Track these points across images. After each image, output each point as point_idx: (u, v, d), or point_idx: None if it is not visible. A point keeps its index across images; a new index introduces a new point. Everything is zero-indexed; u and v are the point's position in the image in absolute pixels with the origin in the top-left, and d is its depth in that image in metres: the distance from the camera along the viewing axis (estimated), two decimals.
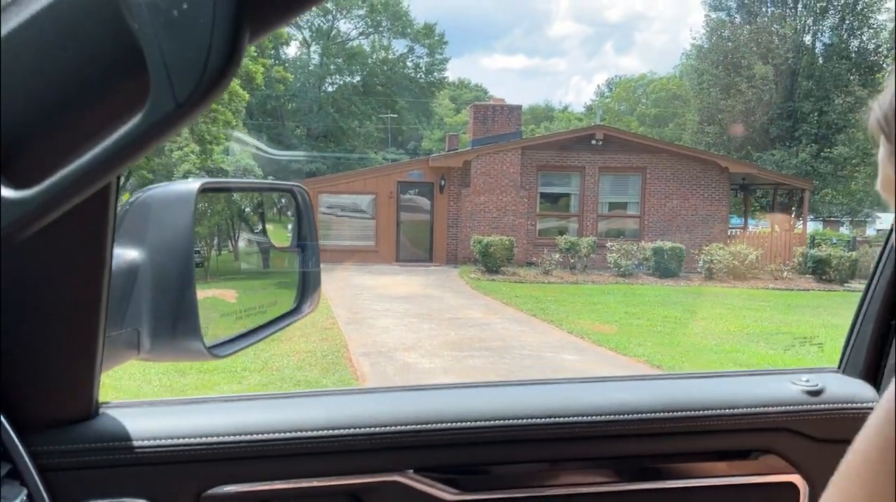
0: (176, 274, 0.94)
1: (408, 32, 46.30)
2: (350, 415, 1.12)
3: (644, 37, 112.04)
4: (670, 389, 1.26)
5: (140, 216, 0.95)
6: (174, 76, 0.49)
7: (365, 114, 44.23)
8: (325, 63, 44.85)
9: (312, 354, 8.82)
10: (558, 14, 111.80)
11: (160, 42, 0.49)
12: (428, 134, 50.96)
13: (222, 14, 0.48)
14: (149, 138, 0.51)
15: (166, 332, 0.94)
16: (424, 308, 12.68)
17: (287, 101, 42.84)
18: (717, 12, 33.11)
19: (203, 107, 0.51)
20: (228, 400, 1.18)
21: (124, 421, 1.05)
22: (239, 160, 24.75)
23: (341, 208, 21.29)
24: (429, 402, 1.17)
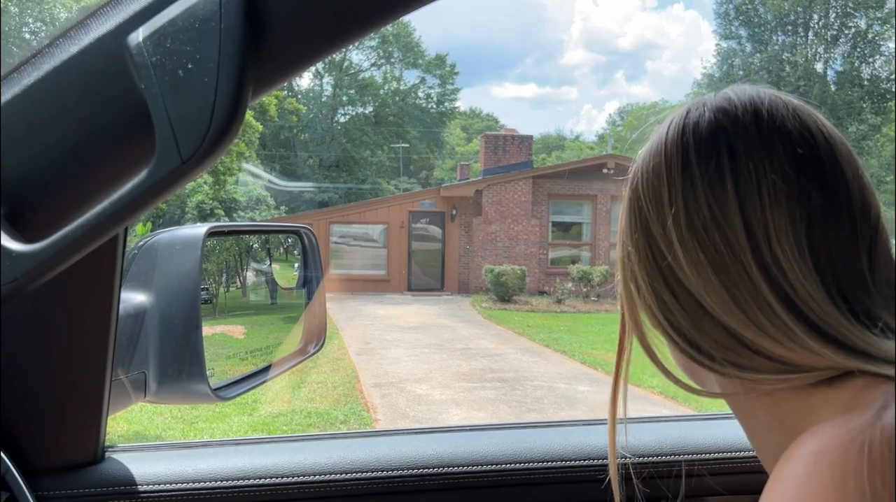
0: (182, 318, 0.95)
1: (419, 63, 46.84)
2: (352, 459, 1.11)
3: (655, 65, 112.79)
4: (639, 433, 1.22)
5: (148, 260, 0.97)
6: (179, 134, 0.51)
7: (377, 143, 44.61)
8: (337, 94, 45.37)
9: (323, 385, 8.78)
10: (570, 43, 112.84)
11: (166, 101, 0.51)
12: (439, 163, 51.24)
13: (226, 74, 0.50)
14: (154, 194, 0.53)
15: (173, 375, 0.95)
16: (436, 338, 12.62)
17: (300, 132, 43.29)
18: (728, 41, 33.35)
19: (208, 164, 0.52)
20: (233, 443, 1.17)
21: (130, 466, 1.05)
22: (251, 190, 24.98)
23: (353, 237, 21.38)
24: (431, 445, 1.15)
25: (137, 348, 0.95)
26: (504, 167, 21.32)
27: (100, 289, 0.85)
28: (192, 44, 0.51)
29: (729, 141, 0.61)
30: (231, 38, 0.51)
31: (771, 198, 0.59)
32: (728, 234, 0.59)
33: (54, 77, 0.55)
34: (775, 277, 0.58)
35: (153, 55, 0.51)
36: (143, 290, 0.96)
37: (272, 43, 0.54)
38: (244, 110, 0.52)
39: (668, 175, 0.63)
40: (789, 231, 0.58)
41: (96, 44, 0.54)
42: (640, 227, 0.65)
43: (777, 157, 0.60)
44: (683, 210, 0.61)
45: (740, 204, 0.59)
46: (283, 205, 27.32)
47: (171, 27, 0.51)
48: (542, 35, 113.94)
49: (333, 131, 43.96)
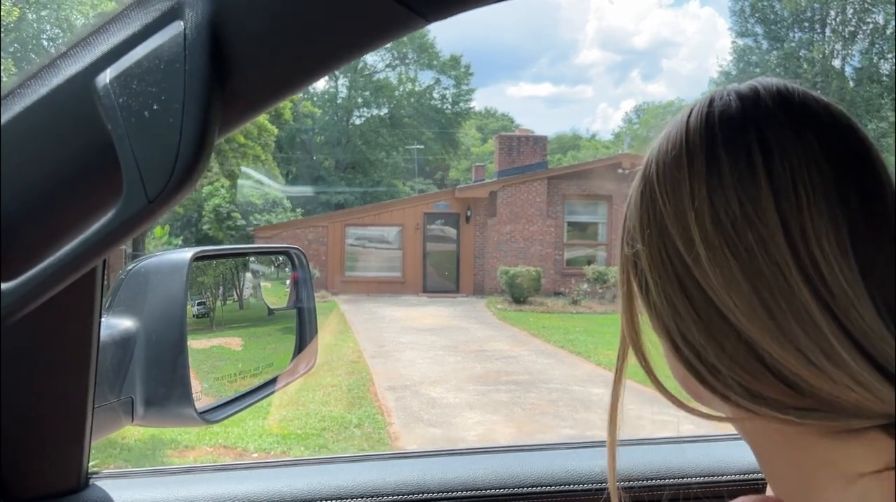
0: (169, 343, 0.96)
1: (434, 64, 46.83)
2: (349, 484, 1.11)
3: (671, 64, 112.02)
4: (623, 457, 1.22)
5: (135, 286, 0.98)
6: (146, 174, 0.51)
7: (392, 145, 44.67)
8: (352, 96, 45.49)
9: (338, 388, 8.82)
10: (585, 42, 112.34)
11: (132, 142, 0.51)
12: (455, 164, 51.22)
13: (190, 115, 0.50)
14: (121, 233, 0.53)
15: (159, 400, 0.96)
16: (451, 340, 12.63)
17: (316, 135, 43.47)
18: (744, 38, 33.05)
19: (173, 203, 0.53)
20: (218, 469, 1.18)
21: (113, 493, 1.05)
22: (268, 194, 25.09)
23: (368, 240, 21.45)
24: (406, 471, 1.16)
25: (124, 374, 0.95)
26: (519, 168, 21.30)
27: (79, 319, 0.86)
28: (157, 85, 0.51)
29: (760, 132, 0.56)
30: (195, 78, 0.51)
31: (808, 197, 0.53)
32: (762, 232, 0.53)
33: (25, 118, 0.56)
34: (815, 283, 0.52)
35: (120, 96, 0.52)
36: (130, 316, 0.96)
37: (239, 82, 0.55)
38: (210, 150, 0.53)
39: (691, 167, 0.57)
40: (830, 233, 0.52)
41: (66, 85, 0.55)
42: (653, 223, 0.60)
43: (812, 152, 0.54)
44: (709, 205, 0.55)
45: (775, 200, 0.53)
46: (300, 208, 27.41)
47: (137, 68, 0.52)
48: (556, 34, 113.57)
49: (349, 133, 44.07)
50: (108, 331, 0.95)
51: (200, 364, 1.25)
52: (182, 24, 0.52)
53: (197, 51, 0.51)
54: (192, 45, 0.51)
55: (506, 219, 20.04)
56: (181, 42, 0.51)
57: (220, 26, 0.52)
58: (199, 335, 1.28)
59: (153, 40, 0.53)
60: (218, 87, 0.52)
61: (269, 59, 0.55)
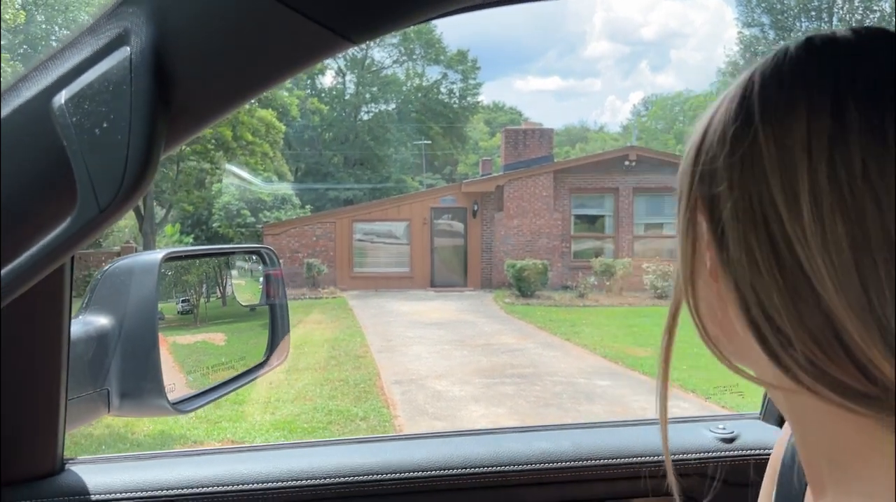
0: (142, 338, 1.02)
1: (441, 59, 46.81)
2: (296, 468, 1.18)
3: (680, 54, 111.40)
4: (591, 437, 1.30)
5: (109, 286, 1.04)
6: (97, 185, 0.57)
7: (400, 140, 44.71)
8: (360, 92, 45.54)
9: (345, 383, 8.92)
10: (593, 34, 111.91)
11: (85, 157, 0.57)
12: (463, 158, 51.23)
13: (137, 131, 0.56)
14: (77, 239, 0.59)
15: (133, 391, 1.02)
16: (457, 334, 12.72)
17: (324, 131, 43.56)
18: (751, 28, 32.90)
19: (123, 211, 0.59)
20: (193, 453, 1.25)
21: (88, 477, 1.12)
22: (277, 190, 25.21)
23: (376, 235, 21.52)
24: (365, 455, 1.23)
25: (101, 367, 1.01)
26: (525, 161, 21.33)
27: (49, 315, 0.93)
28: (106, 105, 0.57)
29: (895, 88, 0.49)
30: (141, 98, 0.57)
31: None
32: (881, 197, 0.46)
33: None
34: None
35: (73, 115, 0.58)
36: (105, 313, 1.03)
37: (182, 100, 0.60)
38: (156, 163, 0.58)
39: (812, 108, 0.49)
40: None
41: (25, 105, 0.61)
42: (748, 163, 0.51)
43: None
44: (828, 157, 0.48)
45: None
46: (308, 205, 27.52)
47: (88, 90, 0.58)
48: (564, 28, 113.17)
49: (357, 129, 44.13)
50: (85, 327, 1.01)
51: (185, 358, 1.33)
52: (128, 50, 0.58)
53: (142, 73, 0.57)
54: (137, 68, 0.57)
55: (513, 213, 20.08)
56: (127, 66, 0.57)
57: (162, 51, 0.58)
58: (183, 331, 1.36)
59: (103, 64, 0.58)
60: (162, 105, 0.58)
61: (210, 79, 0.61)
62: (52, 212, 0.62)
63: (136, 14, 0.58)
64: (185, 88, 0.60)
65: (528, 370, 9.77)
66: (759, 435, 1.35)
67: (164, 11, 0.58)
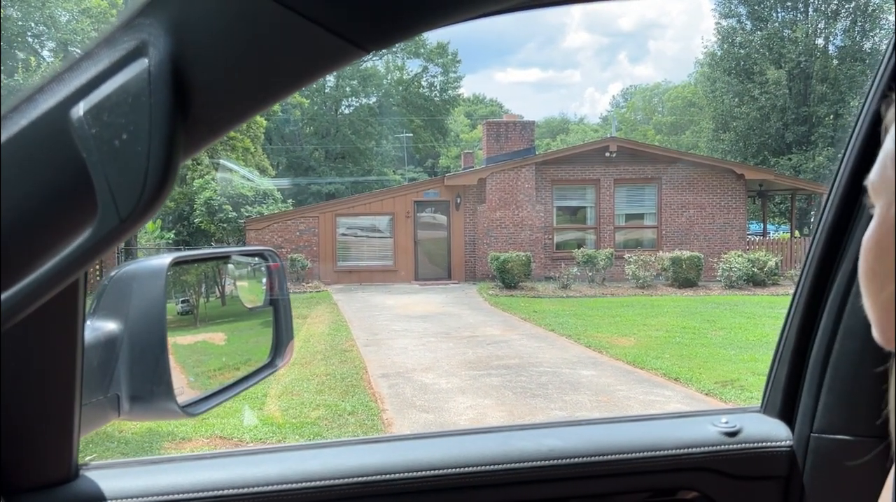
0: (150, 342, 1.03)
1: (421, 52, 46.69)
2: (303, 470, 1.21)
3: (658, 45, 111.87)
4: (597, 434, 1.34)
5: (118, 291, 1.05)
6: (117, 196, 0.58)
7: (381, 134, 44.62)
8: (340, 86, 45.33)
9: (332, 377, 8.94)
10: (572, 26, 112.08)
11: (105, 168, 0.58)
12: (444, 151, 51.19)
13: (156, 142, 0.58)
14: (97, 250, 0.60)
15: (143, 395, 1.03)
16: (443, 327, 12.77)
17: (305, 125, 43.36)
18: (728, 19, 33.08)
19: (144, 221, 0.60)
20: (202, 457, 1.27)
21: (102, 483, 1.13)
22: (259, 185, 25.07)
23: (360, 229, 21.48)
24: (372, 455, 1.26)
25: (110, 372, 1.02)
26: (507, 154, 21.39)
27: (64, 324, 0.93)
28: (125, 116, 0.57)
29: None
30: (160, 109, 0.57)
31: None
32: None
33: (8, 148, 0.62)
34: None
35: (92, 127, 0.58)
36: (114, 319, 1.03)
37: (201, 109, 0.61)
38: (175, 172, 0.59)
39: None
40: None
41: (44, 117, 0.61)
42: None
43: None
44: None
45: None
46: (291, 199, 27.40)
47: (107, 102, 0.58)
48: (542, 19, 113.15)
49: (338, 123, 43.96)
50: (94, 333, 1.01)
51: (186, 358, 1.34)
52: (146, 61, 0.58)
53: (160, 85, 0.57)
54: (155, 79, 0.57)
55: (495, 206, 20.15)
56: (146, 77, 0.58)
57: (180, 62, 0.59)
58: (183, 331, 1.37)
59: (120, 76, 0.59)
60: (180, 115, 0.59)
61: (226, 89, 0.62)
62: (72, 223, 0.63)
63: (153, 25, 0.58)
64: (202, 99, 0.61)
65: (514, 361, 9.85)
66: (761, 428, 1.38)
67: (181, 23, 0.59)
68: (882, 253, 0.56)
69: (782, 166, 28.44)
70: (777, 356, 1.41)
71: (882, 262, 0.56)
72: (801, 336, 1.35)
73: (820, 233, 1.30)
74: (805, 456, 1.32)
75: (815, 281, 1.32)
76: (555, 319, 13.29)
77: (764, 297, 16.28)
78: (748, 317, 13.38)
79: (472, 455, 1.26)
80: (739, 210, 20.69)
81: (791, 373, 1.37)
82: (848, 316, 1.26)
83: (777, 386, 1.40)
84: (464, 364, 9.67)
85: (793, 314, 1.37)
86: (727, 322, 12.97)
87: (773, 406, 1.42)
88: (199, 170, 23.70)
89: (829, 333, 1.29)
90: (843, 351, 1.28)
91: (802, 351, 1.35)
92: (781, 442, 1.34)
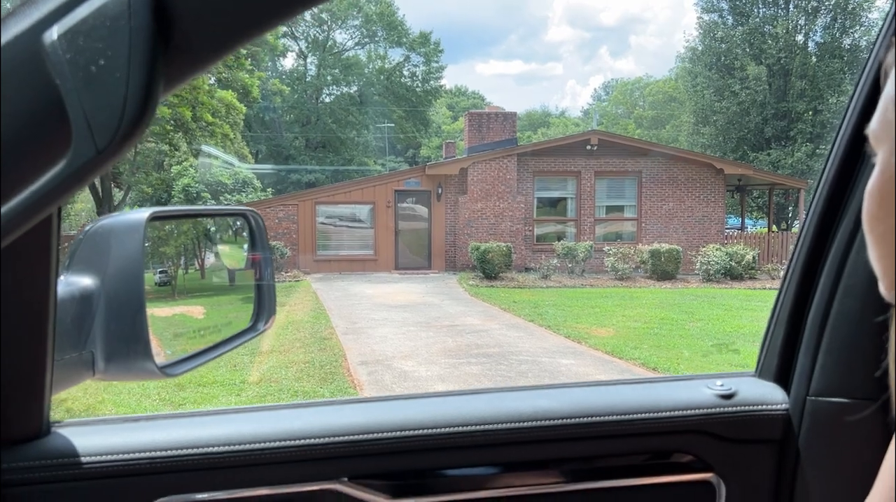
0: (128, 299, 0.99)
1: (403, 42, 46.47)
2: (286, 429, 1.19)
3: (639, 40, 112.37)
4: (591, 396, 1.33)
5: (93, 245, 1.00)
6: (94, 126, 0.55)
7: (362, 123, 44.38)
8: (321, 74, 45.01)
9: (311, 364, 8.90)
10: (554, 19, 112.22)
11: (80, 95, 0.55)
12: (426, 142, 51.08)
13: (136, 69, 0.54)
14: (72, 182, 0.57)
15: (120, 354, 0.99)
16: (423, 316, 12.75)
17: (285, 113, 43.01)
18: (710, 14, 33.27)
19: (122, 153, 0.57)
20: (176, 416, 1.24)
21: (75, 439, 1.11)
22: (238, 173, 24.85)
23: (339, 218, 21.38)
24: (361, 414, 1.23)
25: (85, 329, 0.98)
26: (488, 144, 21.38)
27: (35, 276, 0.89)
28: (103, 41, 0.54)
29: None
30: (140, 34, 0.54)
31: None
32: None
33: None
34: None
35: (67, 52, 0.55)
36: (89, 274, 0.99)
37: (182, 37, 0.58)
38: (155, 102, 0.56)
39: None
40: None
41: (14, 42, 0.57)
42: None
43: None
44: None
45: None
46: (270, 188, 27.18)
47: (83, 25, 0.55)
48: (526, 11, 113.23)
49: (319, 111, 43.64)
50: (68, 288, 0.97)
51: (163, 331, 1.31)
52: None
53: (140, 8, 0.54)
54: (135, 3, 0.54)
55: (476, 196, 20.14)
56: (125, 1, 0.54)
57: None
58: (161, 303, 1.33)
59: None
60: (161, 42, 0.56)
61: (209, 17, 0.59)
62: (48, 155, 0.59)
63: None
64: (184, 27, 0.58)
65: (494, 350, 9.85)
66: (757, 392, 1.37)
67: None
68: (884, 200, 0.54)
69: (761, 161, 28.70)
70: (773, 318, 1.40)
71: (884, 210, 0.55)
72: (799, 297, 1.33)
73: (821, 189, 1.28)
74: (801, 420, 1.30)
75: (815, 239, 1.30)
76: (535, 309, 13.32)
77: (741, 290, 16.43)
78: (725, 310, 13.49)
79: (463, 414, 1.24)
80: (718, 204, 20.85)
81: (788, 336, 1.36)
82: (848, 275, 1.25)
83: (773, 349, 1.39)
84: (444, 352, 9.66)
85: (790, 275, 1.36)
86: (705, 313, 13.07)
87: (769, 369, 1.41)
88: (178, 156, 23.44)
89: (828, 293, 1.27)
90: (841, 310, 1.26)
91: (800, 312, 1.34)
92: (777, 404, 1.33)
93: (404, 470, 1.21)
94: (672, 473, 1.30)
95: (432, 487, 1.22)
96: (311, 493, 1.18)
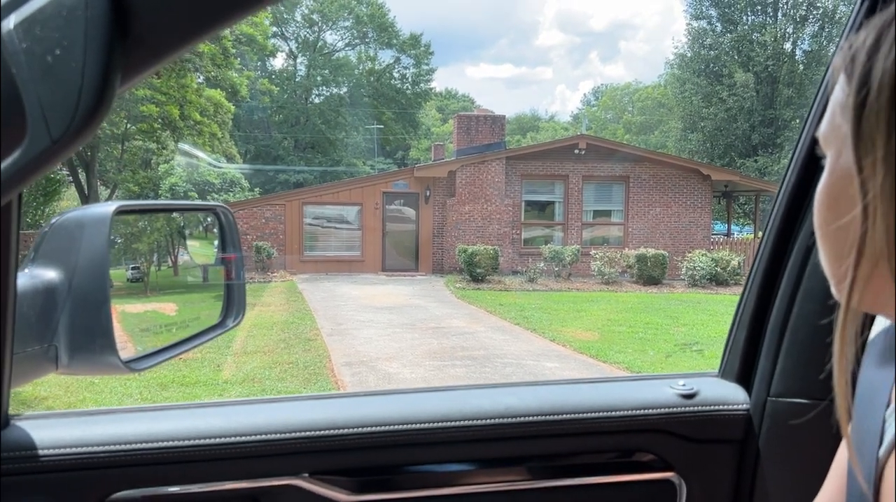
0: (92, 293, 0.98)
1: (394, 43, 46.46)
2: (247, 424, 1.18)
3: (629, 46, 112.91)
4: (555, 394, 1.33)
5: (58, 238, 0.99)
6: (49, 116, 0.54)
7: (352, 125, 44.30)
8: (311, 74, 44.92)
9: (295, 365, 8.85)
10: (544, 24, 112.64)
11: (36, 85, 0.54)
12: (415, 144, 51.06)
13: (92, 59, 0.54)
14: (26, 172, 0.56)
15: (84, 348, 0.97)
16: (408, 318, 12.73)
17: (274, 113, 42.87)
18: (699, 21, 33.51)
19: (77, 144, 0.56)
20: (136, 410, 1.23)
21: (33, 432, 1.10)
22: (226, 173, 24.74)
23: (327, 219, 21.32)
24: (323, 410, 1.23)
25: (49, 322, 0.96)
26: (477, 147, 21.38)
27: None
28: (59, 30, 0.53)
29: None
30: (97, 25, 0.53)
31: None
32: None
33: None
34: None
35: (23, 41, 0.54)
36: (53, 267, 0.98)
37: (141, 29, 0.57)
38: (112, 93, 0.55)
39: None
40: None
41: None
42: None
43: None
44: None
45: None
46: (258, 187, 27.11)
47: (40, 14, 0.54)
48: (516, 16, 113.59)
49: (308, 112, 43.52)
50: (32, 281, 0.96)
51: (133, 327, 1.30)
52: None
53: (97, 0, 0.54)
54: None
55: (464, 199, 20.15)
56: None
57: None
58: (132, 299, 1.32)
59: None
60: (118, 33, 0.55)
61: (169, 7, 0.58)
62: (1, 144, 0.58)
63: None
64: (142, 19, 0.57)
65: (479, 352, 9.85)
66: (718, 392, 1.38)
67: None
68: (832, 202, 0.55)
69: (748, 168, 28.88)
70: (736, 321, 1.41)
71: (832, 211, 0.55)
72: (761, 300, 1.35)
73: (782, 194, 1.30)
74: (761, 420, 1.31)
75: (776, 243, 1.32)
76: (520, 313, 13.33)
77: (726, 296, 16.50)
78: (710, 315, 13.55)
79: (427, 411, 1.24)
80: (705, 209, 20.96)
81: (749, 338, 1.37)
82: (808, 278, 1.26)
83: (735, 350, 1.40)
84: (428, 354, 9.64)
85: (753, 278, 1.37)
86: (689, 318, 13.13)
87: (731, 370, 1.42)
88: (165, 154, 23.31)
89: (789, 297, 1.29)
90: (801, 313, 1.28)
91: (761, 315, 1.35)
92: (738, 405, 1.34)
93: (366, 466, 1.20)
94: (634, 472, 1.30)
95: (394, 483, 1.21)
96: (272, 488, 1.17)
